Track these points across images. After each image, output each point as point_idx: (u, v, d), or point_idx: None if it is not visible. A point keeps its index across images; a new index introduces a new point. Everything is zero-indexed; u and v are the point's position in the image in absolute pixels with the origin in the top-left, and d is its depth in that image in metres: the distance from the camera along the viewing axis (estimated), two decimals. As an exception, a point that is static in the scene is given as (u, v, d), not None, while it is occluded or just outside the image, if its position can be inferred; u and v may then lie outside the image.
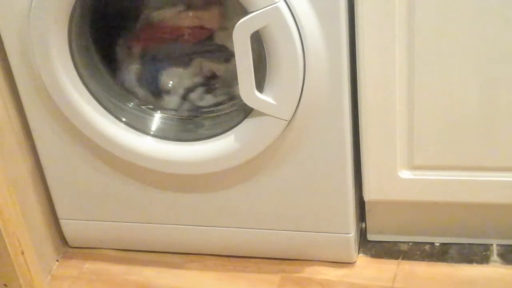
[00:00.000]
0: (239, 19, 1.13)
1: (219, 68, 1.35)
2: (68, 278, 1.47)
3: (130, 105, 1.36)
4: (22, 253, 1.29)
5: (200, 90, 1.36)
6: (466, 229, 1.40)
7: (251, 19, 1.12)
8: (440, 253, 1.40)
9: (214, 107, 1.35)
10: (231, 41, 1.14)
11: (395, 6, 1.14)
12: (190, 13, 1.29)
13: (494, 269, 1.35)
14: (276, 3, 1.11)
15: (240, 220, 1.40)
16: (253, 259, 1.44)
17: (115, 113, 1.32)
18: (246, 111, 1.23)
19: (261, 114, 1.21)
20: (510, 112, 1.21)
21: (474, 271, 1.35)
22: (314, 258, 1.41)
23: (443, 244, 1.42)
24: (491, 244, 1.40)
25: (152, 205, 1.42)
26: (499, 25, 1.13)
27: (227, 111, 1.33)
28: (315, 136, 1.25)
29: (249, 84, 1.17)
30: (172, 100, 1.37)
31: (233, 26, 1.13)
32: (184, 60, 1.36)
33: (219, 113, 1.35)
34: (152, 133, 1.33)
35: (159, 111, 1.36)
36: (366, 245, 1.45)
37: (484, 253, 1.39)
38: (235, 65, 1.17)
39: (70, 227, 1.51)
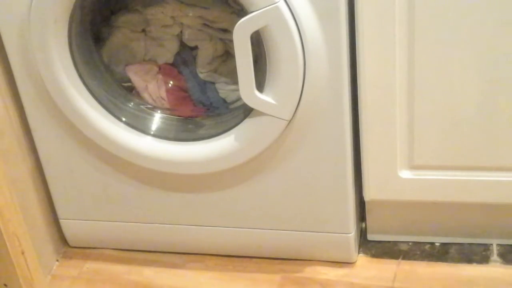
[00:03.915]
0: (239, 19, 1.13)
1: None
2: (68, 278, 1.47)
3: (130, 105, 1.36)
4: (22, 253, 1.29)
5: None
6: (466, 229, 1.40)
7: (251, 19, 1.12)
8: (440, 253, 1.40)
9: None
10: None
11: (395, 6, 1.14)
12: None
13: (494, 269, 1.35)
14: (276, 3, 1.11)
15: (240, 220, 1.40)
16: (253, 259, 1.44)
17: (115, 113, 1.32)
18: (246, 111, 1.23)
19: (261, 114, 1.21)
20: (510, 112, 1.21)
21: (474, 271, 1.35)
22: (314, 258, 1.41)
23: (443, 244, 1.42)
24: (491, 244, 1.40)
25: (152, 205, 1.42)
26: (499, 25, 1.13)
27: (227, 110, 1.34)
28: (315, 136, 1.25)
29: (249, 84, 1.17)
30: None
31: (233, 26, 1.13)
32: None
33: (219, 112, 1.35)
34: (152, 133, 1.33)
35: (159, 111, 1.36)
36: (366, 245, 1.45)
37: (484, 253, 1.39)
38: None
39: (70, 227, 1.51)
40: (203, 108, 1.36)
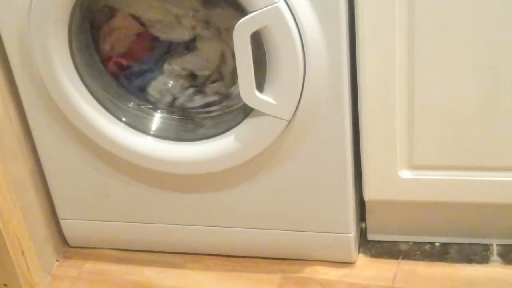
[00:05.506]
0: (239, 19, 1.13)
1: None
2: (68, 278, 1.47)
3: (130, 105, 1.36)
4: (22, 253, 1.29)
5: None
6: (466, 229, 1.40)
7: (251, 19, 1.12)
8: (440, 253, 1.40)
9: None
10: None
11: (395, 6, 1.14)
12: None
13: (494, 269, 1.35)
14: (276, 3, 1.11)
15: (240, 220, 1.40)
16: (253, 259, 1.44)
17: (115, 113, 1.32)
18: (246, 111, 1.24)
19: (261, 114, 1.21)
20: (510, 112, 1.21)
21: (474, 271, 1.35)
22: (314, 258, 1.41)
23: (443, 244, 1.42)
24: (491, 244, 1.40)
25: (152, 205, 1.42)
26: (499, 25, 1.13)
27: (227, 110, 1.34)
28: (315, 136, 1.25)
29: (249, 84, 1.18)
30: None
31: (233, 26, 1.13)
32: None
33: (219, 112, 1.35)
34: (152, 133, 1.33)
35: (159, 111, 1.36)
36: (366, 245, 1.45)
37: (484, 253, 1.39)
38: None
39: (70, 227, 1.51)
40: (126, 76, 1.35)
